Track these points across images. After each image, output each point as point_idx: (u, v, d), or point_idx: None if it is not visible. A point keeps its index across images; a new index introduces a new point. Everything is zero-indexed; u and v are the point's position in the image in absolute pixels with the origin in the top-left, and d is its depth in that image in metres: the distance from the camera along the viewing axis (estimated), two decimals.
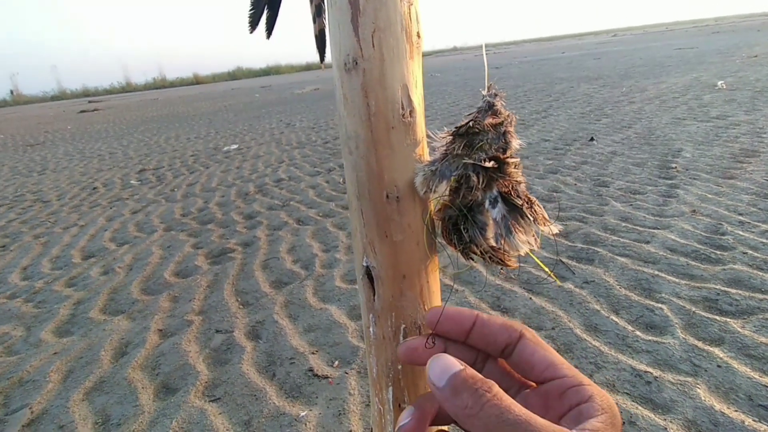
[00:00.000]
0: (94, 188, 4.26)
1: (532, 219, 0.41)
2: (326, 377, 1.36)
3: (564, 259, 1.90)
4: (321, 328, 1.62)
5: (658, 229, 2.06)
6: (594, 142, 3.82)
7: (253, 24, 0.49)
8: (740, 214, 2.10)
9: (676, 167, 2.88)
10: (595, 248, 1.95)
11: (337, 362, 1.42)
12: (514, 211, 0.41)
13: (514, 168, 0.42)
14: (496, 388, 0.23)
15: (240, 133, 6.92)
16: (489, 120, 0.41)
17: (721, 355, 1.26)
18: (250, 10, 0.48)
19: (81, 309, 1.95)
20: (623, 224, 2.16)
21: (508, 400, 0.23)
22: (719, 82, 5.91)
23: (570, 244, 2.03)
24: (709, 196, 2.37)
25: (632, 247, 1.93)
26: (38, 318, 1.91)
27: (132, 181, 4.40)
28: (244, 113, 10.05)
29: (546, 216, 0.42)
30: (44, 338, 1.74)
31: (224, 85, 37.11)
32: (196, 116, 10.64)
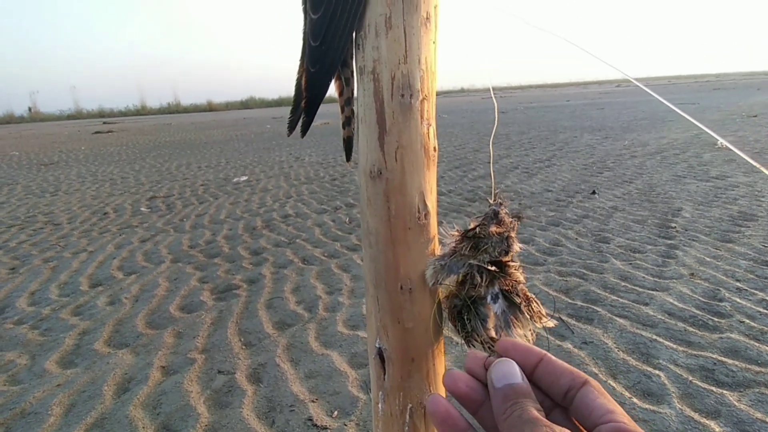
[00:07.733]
0: (105, 213, 4.35)
1: (529, 316, 0.48)
2: (325, 428, 1.37)
3: (564, 317, 1.93)
4: (322, 375, 1.64)
5: (657, 291, 2.10)
6: (596, 195, 3.91)
7: (291, 128, 0.57)
8: (738, 281, 2.14)
9: (675, 227, 2.94)
10: (595, 307, 1.98)
11: (336, 412, 1.44)
12: (514, 307, 0.48)
13: (515, 270, 0.49)
14: (537, 413, 0.26)
15: (250, 165, 7.08)
16: (494, 228, 0.48)
17: (717, 430, 1.27)
18: (290, 117, 0.56)
19: (86, 340, 1.98)
20: (622, 283, 2.20)
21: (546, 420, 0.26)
22: (719, 141, 6.06)
23: (570, 301, 2.06)
24: (708, 259, 2.41)
25: (631, 308, 1.96)
26: (43, 347, 1.93)
27: (142, 208, 4.49)
28: (254, 143, 10.30)
29: (543, 312, 0.49)
30: (48, 368, 1.76)
31: (236, 113, 38.07)
32: (208, 144, 10.90)
